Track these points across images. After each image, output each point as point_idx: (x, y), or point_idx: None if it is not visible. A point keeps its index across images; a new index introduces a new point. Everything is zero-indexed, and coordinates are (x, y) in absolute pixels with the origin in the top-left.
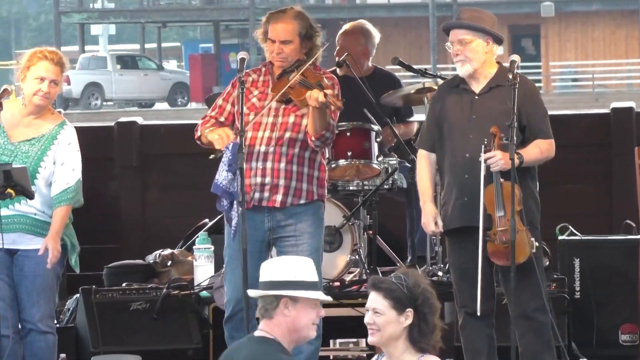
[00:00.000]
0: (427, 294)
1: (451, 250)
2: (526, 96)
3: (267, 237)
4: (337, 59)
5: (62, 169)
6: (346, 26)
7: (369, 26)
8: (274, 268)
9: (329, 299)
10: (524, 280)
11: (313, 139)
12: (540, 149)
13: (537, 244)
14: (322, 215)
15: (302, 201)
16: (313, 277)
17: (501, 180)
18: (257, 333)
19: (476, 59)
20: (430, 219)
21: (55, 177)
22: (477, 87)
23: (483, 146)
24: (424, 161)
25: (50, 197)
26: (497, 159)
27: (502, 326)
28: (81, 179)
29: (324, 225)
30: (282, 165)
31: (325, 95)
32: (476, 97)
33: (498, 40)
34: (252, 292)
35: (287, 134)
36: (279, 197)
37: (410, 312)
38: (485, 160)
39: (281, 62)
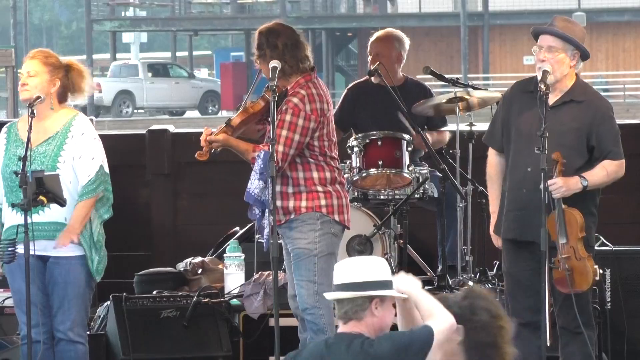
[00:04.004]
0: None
1: (507, 257)
2: (597, 116)
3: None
4: (371, 67)
5: (81, 162)
6: (378, 33)
7: (399, 32)
8: (353, 269)
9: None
10: (576, 296)
11: None
12: (607, 172)
13: (601, 271)
14: (316, 221)
15: (292, 216)
16: (390, 276)
17: (563, 206)
18: (343, 332)
19: (559, 70)
20: (496, 236)
21: (77, 172)
22: (551, 98)
23: (542, 174)
24: (497, 163)
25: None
26: (559, 186)
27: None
28: (104, 166)
29: (317, 229)
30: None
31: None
32: (549, 109)
33: (585, 56)
34: (342, 295)
35: None
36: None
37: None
38: (546, 187)
39: None
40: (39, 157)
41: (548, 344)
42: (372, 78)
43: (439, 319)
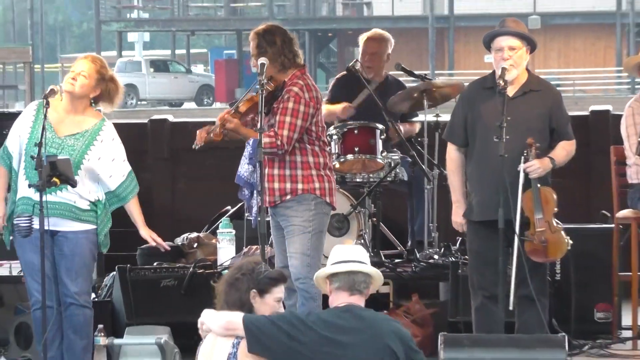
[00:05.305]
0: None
1: (475, 237)
2: (555, 102)
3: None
4: (363, 64)
5: (115, 164)
6: (371, 34)
7: (389, 34)
8: (362, 252)
9: None
10: (536, 269)
11: None
12: (566, 151)
13: (571, 241)
14: (311, 202)
15: (288, 197)
16: None
17: (538, 185)
18: (357, 304)
19: (521, 65)
20: (460, 222)
21: (111, 172)
22: (510, 90)
23: (523, 157)
24: (457, 157)
25: (98, 189)
26: (536, 167)
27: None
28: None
29: (311, 209)
30: (266, 170)
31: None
32: (510, 100)
33: (533, 50)
34: (363, 267)
35: None
36: (267, 198)
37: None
38: (524, 170)
39: None
40: (68, 149)
41: (511, 308)
42: (364, 73)
43: None
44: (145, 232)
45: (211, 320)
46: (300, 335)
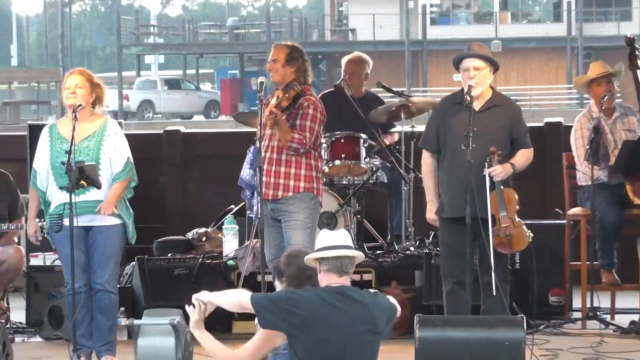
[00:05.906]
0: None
1: (446, 231)
2: (515, 115)
3: (273, 216)
4: (345, 82)
5: (115, 154)
6: (351, 56)
7: (367, 56)
8: (344, 236)
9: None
10: (499, 259)
11: (284, 147)
12: (525, 158)
13: (532, 234)
14: (310, 201)
15: (290, 194)
16: None
17: (501, 187)
18: (347, 284)
19: (484, 83)
20: (433, 219)
21: (112, 162)
22: (477, 105)
23: (487, 162)
24: (430, 163)
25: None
26: (499, 172)
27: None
28: (130, 157)
29: (311, 207)
30: (273, 167)
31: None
32: (477, 113)
33: (496, 70)
34: (351, 252)
35: (274, 143)
36: (270, 192)
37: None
38: (489, 173)
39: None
40: (85, 151)
41: (494, 294)
42: (346, 90)
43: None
44: (103, 204)
45: (221, 298)
46: (297, 309)
